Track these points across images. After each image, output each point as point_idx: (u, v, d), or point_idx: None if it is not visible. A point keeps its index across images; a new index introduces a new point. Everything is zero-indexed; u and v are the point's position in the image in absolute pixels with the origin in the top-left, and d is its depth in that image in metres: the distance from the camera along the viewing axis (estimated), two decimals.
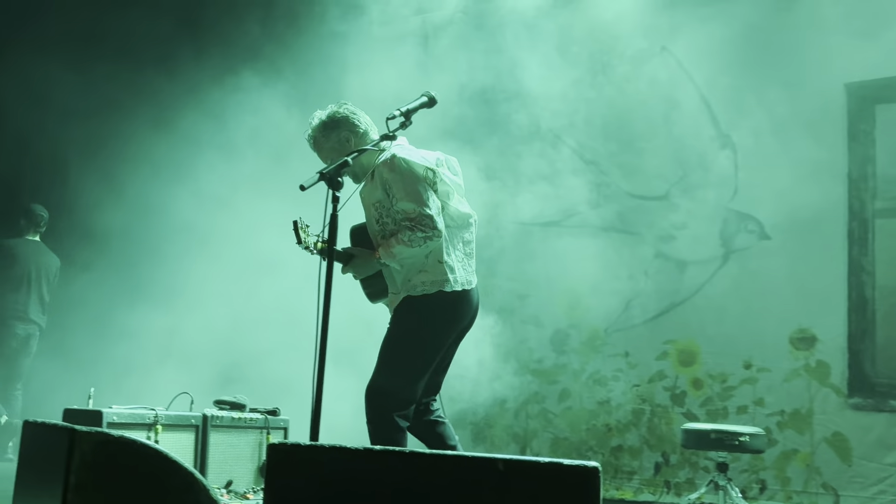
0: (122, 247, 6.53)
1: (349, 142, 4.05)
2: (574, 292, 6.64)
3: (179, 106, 6.56)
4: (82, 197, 6.72)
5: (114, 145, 6.55)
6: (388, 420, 3.79)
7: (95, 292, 6.54)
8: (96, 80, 6.48)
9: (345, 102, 4.16)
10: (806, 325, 5.82)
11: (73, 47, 6.38)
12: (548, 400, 6.67)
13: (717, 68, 6.23)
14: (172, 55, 6.74)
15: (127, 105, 6.52)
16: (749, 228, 6.10)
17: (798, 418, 5.75)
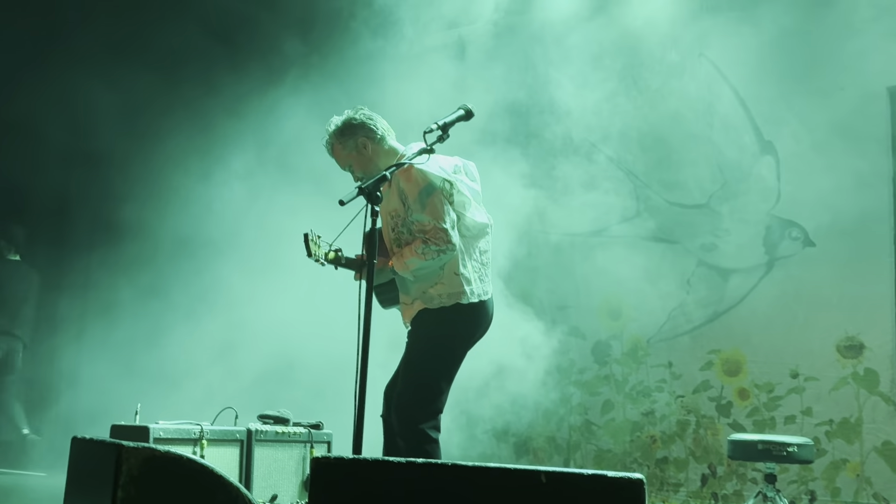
0: (165, 261, 6.62)
1: (366, 147, 4.07)
2: (615, 303, 6.60)
3: (218, 120, 6.63)
4: (121, 210, 6.81)
5: (156, 159, 6.64)
6: (420, 432, 3.81)
7: (139, 308, 6.63)
8: (134, 93, 6.56)
9: (361, 108, 4.17)
10: (853, 333, 5.72)
11: (110, 58, 6.47)
12: (591, 412, 6.62)
13: (755, 74, 6.18)
14: (210, 69, 6.82)
15: (167, 118, 6.60)
16: (793, 235, 6.02)
17: (847, 427, 5.65)
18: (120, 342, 6.37)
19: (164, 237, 6.73)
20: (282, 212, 6.59)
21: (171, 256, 6.65)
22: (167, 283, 6.59)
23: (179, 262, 6.65)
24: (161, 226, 6.75)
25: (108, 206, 6.89)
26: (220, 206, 6.63)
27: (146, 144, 6.65)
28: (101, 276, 6.60)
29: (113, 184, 6.87)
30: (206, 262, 6.64)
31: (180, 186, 6.68)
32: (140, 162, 6.60)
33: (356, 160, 4.08)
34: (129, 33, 6.53)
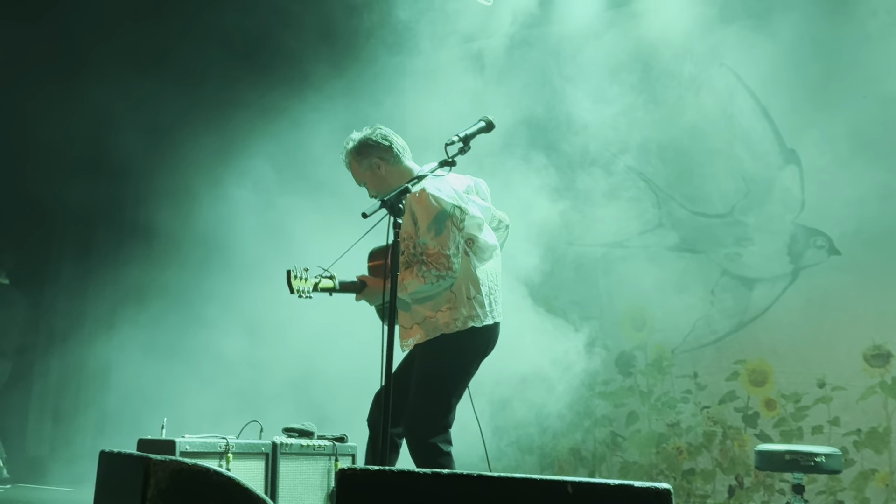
0: (190, 276, 6.65)
1: (380, 168, 4.14)
2: (639, 313, 6.58)
3: (239, 135, 6.68)
4: (146, 223, 6.86)
5: (180, 174, 6.69)
6: (432, 447, 3.83)
7: (167, 322, 6.67)
8: (156, 108, 6.62)
9: (379, 126, 4.23)
10: (880, 342, 5.67)
11: (132, 75, 6.52)
12: (615, 423, 6.59)
13: (775, 83, 6.16)
14: (232, 86, 6.88)
15: (188, 133, 6.65)
16: (818, 244, 5.97)
17: (875, 437, 5.59)
18: (147, 352, 6.42)
19: (186, 251, 6.78)
20: (305, 226, 6.63)
21: (195, 269, 6.69)
22: (192, 295, 6.63)
23: (202, 275, 6.69)
24: (185, 236, 6.79)
25: (133, 215, 6.94)
26: (242, 221, 6.67)
27: (167, 159, 6.70)
28: (129, 288, 6.65)
29: (137, 196, 6.91)
30: (228, 275, 6.68)
31: (204, 199, 6.72)
32: (163, 175, 6.65)
33: (370, 179, 4.16)
34: (151, 49, 6.59)
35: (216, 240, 6.63)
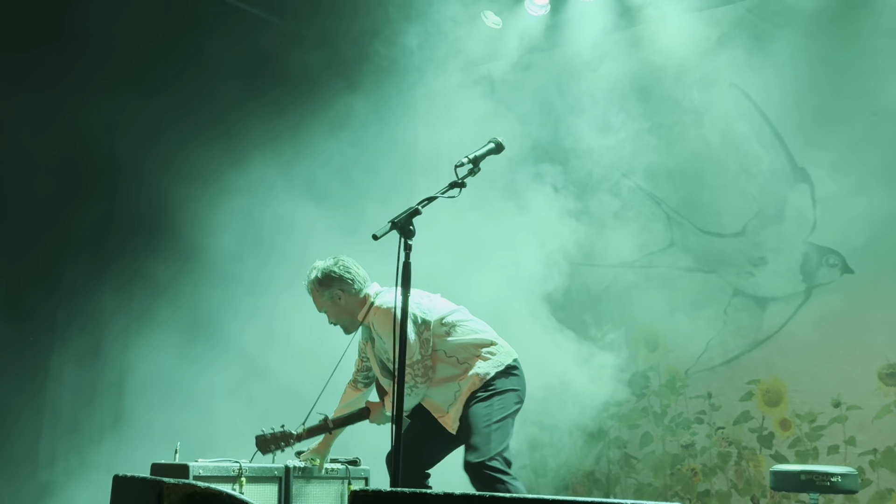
0: (198, 299, 6.66)
1: (340, 298, 4.44)
2: (652, 334, 6.57)
3: (254, 157, 6.71)
4: (147, 252, 6.86)
5: (196, 207, 6.70)
6: (504, 482, 3.98)
7: (177, 347, 6.67)
8: (171, 127, 6.65)
9: (341, 259, 4.50)
10: (894, 360, 5.63)
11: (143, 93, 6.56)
12: (630, 445, 6.56)
13: (785, 102, 6.18)
14: (241, 112, 6.91)
15: (202, 153, 6.68)
16: (830, 262, 5.96)
17: (892, 456, 5.54)
18: (159, 378, 6.42)
19: (193, 278, 6.78)
20: (317, 247, 6.65)
21: (202, 298, 6.70)
22: (203, 324, 6.63)
23: (210, 304, 6.69)
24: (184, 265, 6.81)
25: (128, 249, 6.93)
26: (253, 242, 6.69)
27: (172, 182, 6.71)
28: (143, 311, 6.66)
29: (146, 219, 6.90)
30: (237, 301, 6.69)
31: (226, 216, 6.73)
32: (182, 184, 6.66)
33: (330, 308, 4.48)
34: (160, 71, 6.62)
35: (217, 262, 6.64)
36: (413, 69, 7.08)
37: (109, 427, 6.38)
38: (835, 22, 6.07)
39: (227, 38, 6.62)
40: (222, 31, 6.63)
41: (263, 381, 6.58)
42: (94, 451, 6.44)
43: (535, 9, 7.03)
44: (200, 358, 6.52)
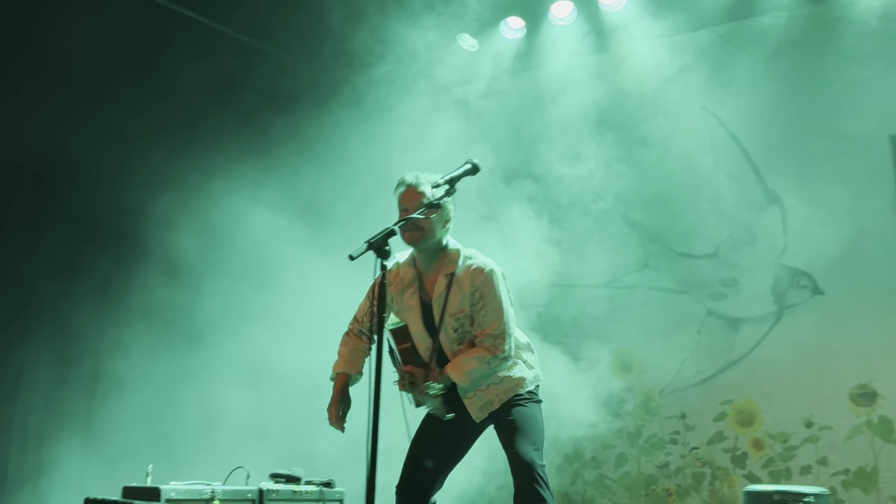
0: (173, 321, 6.61)
1: (443, 222, 3.97)
2: (627, 354, 6.60)
3: (241, 182, 6.69)
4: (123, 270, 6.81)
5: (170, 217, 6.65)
6: (546, 495, 3.80)
7: (149, 367, 6.61)
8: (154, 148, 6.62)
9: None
10: (865, 380, 5.69)
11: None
12: (605, 465, 6.57)
13: (756, 125, 6.27)
14: (222, 138, 6.90)
15: (191, 179, 6.65)
16: (801, 284, 6.03)
17: (863, 477, 5.59)
18: (131, 402, 6.36)
19: (173, 298, 6.74)
20: (288, 262, 6.64)
21: (177, 319, 6.65)
22: (179, 343, 6.58)
23: (184, 325, 6.65)
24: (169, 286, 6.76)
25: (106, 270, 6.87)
26: (226, 259, 6.66)
27: (160, 208, 6.68)
28: (113, 336, 6.60)
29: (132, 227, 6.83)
30: (217, 322, 6.65)
31: (209, 236, 6.70)
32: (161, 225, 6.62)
33: (426, 220, 3.90)
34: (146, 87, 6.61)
35: (196, 283, 6.61)
36: (389, 90, 7.11)
37: (80, 448, 6.30)
38: (803, 47, 6.18)
39: (201, 57, 6.61)
40: (196, 51, 6.62)
41: (240, 400, 6.54)
42: (63, 472, 6.35)
43: (511, 32, 7.10)
44: (173, 378, 6.47)
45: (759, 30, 6.35)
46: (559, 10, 6.85)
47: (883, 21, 5.84)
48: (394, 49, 6.61)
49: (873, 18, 5.87)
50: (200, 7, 6.75)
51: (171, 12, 6.71)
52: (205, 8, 6.77)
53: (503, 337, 3.85)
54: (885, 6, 5.85)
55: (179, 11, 6.74)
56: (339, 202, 6.73)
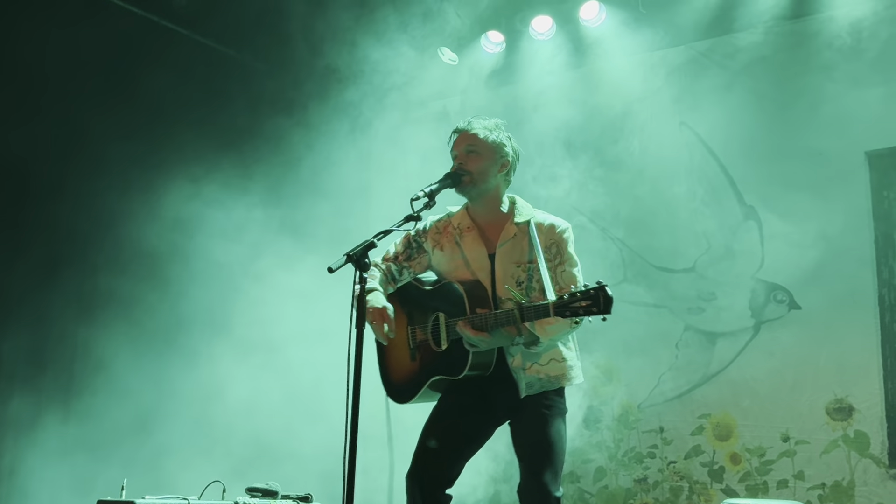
0: (147, 335, 6.56)
1: (501, 169, 3.88)
2: (605, 368, 6.61)
3: (216, 195, 6.67)
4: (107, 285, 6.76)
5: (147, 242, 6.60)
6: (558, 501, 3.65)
7: (122, 382, 6.56)
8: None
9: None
10: (841, 395, 5.73)
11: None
12: (583, 479, 6.57)
13: (734, 141, 6.32)
14: (204, 150, 6.87)
15: (158, 193, 6.61)
16: (778, 298, 6.07)
17: (839, 491, 5.62)
18: (104, 414, 6.30)
19: (142, 313, 6.68)
20: (266, 282, 6.61)
21: (151, 333, 6.60)
22: (155, 357, 6.54)
23: (159, 338, 6.60)
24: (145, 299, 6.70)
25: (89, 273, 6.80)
26: (205, 271, 6.62)
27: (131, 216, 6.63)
28: (90, 346, 6.53)
29: (96, 252, 6.78)
30: (187, 337, 6.60)
31: (184, 253, 6.67)
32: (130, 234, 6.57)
33: (480, 161, 3.84)
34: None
35: (170, 295, 6.56)
36: (367, 104, 7.11)
37: (54, 460, 6.22)
38: (781, 63, 6.24)
39: (179, 67, 6.60)
40: (174, 61, 6.61)
41: (215, 413, 6.50)
42: (36, 485, 6.27)
43: (491, 46, 7.12)
44: (148, 392, 6.42)
45: (737, 46, 6.42)
46: (539, 25, 6.88)
47: (858, 37, 5.91)
48: (372, 63, 6.62)
49: (849, 35, 5.94)
50: (178, 17, 6.73)
51: (150, 22, 6.69)
52: (182, 18, 6.75)
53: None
54: (861, 23, 5.92)
55: (160, 22, 6.72)
56: (316, 214, 6.72)
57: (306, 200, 6.73)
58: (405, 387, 3.93)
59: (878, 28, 5.88)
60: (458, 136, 3.94)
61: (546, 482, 3.62)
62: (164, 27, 6.74)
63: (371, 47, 6.51)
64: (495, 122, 3.99)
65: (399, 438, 6.60)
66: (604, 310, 3.30)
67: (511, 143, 3.98)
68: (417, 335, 3.91)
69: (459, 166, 3.87)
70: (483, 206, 3.93)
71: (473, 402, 3.80)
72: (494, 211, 3.93)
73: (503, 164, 3.91)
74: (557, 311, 3.35)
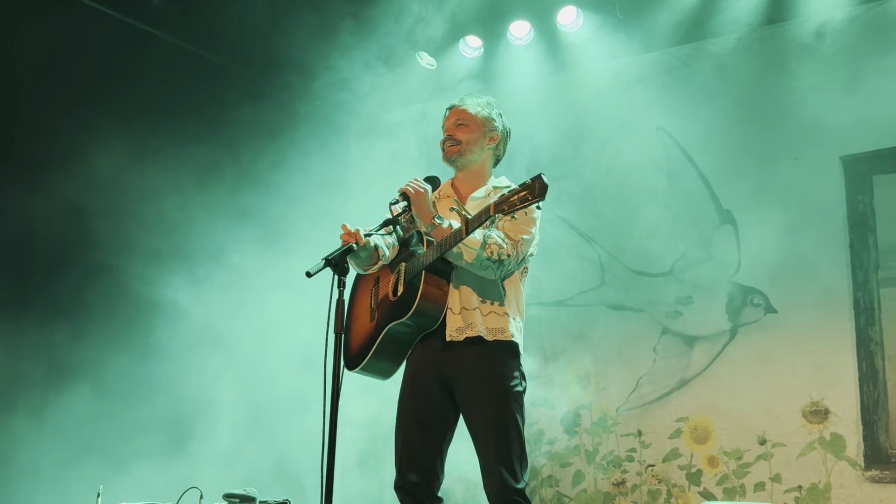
0: (126, 339, 6.51)
1: (491, 143, 3.97)
2: (584, 372, 6.62)
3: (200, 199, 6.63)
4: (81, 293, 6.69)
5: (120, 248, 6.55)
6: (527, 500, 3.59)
7: (100, 385, 6.50)
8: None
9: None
10: (818, 398, 5.77)
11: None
12: (562, 483, 6.57)
13: (711, 145, 6.35)
14: (183, 152, 6.83)
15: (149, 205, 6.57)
16: (755, 302, 6.10)
17: (816, 493, 5.66)
18: (79, 420, 6.24)
19: (123, 319, 6.63)
20: (247, 287, 6.58)
21: (129, 337, 6.54)
22: (128, 358, 6.48)
23: (136, 342, 6.55)
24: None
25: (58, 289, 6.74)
26: (183, 272, 6.58)
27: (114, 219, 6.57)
28: (63, 349, 6.46)
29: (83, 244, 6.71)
30: (165, 342, 6.56)
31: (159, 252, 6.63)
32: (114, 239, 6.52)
33: (469, 131, 3.94)
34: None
35: (149, 300, 6.52)
36: (348, 107, 7.10)
37: (28, 468, 6.15)
38: (758, 69, 6.29)
39: (161, 69, 6.57)
40: (158, 63, 6.58)
41: (193, 420, 6.46)
42: (11, 492, 6.21)
43: (469, 51, 7.13)
44: (124, 397, 6.37)
45: (714, 52, 6.46)
46: (517, 30, 6.90)
47: (833, 43, 5.97)
48: (350, 65, 6.61)
49: (824, 41, 6.00)
50: (151, 18, 6.70)
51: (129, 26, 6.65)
52: (155, 18, 6.71)
53: (516, 246, 3.65)
54: (837, 28, 5.98)
55: (136, 25, 6.68)
56: (294, 220, 6.70)
57: (280, 205, 6.72)
58: (361, 347, 3.90)
59: (852, 34, 5.94)
60: (450, 112, 4.06)
61: (508, 471, 3.59)
62: (131, 25, 6.70)
63: (346, 49, 6.51)
64: (487, 99, 4.09)
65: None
66: (539, 195, 3.24)
67: (502, 121, 4.07)
68: (380, 293, 3.94)
69: (448, 137, 3.96)
70: (468, 178, 3.99)
71: (431, 392, 3.79)
72: (479, 183, 3.98)
73: (491, 138, 3.99)
74: (497, 209, 3.35)
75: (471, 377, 3.70)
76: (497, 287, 3.77)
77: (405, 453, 3.78)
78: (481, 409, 3.68)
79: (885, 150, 5.87)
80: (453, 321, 3.70)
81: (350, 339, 4.03)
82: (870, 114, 5.78)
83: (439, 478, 3.78)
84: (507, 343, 3.74)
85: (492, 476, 3.61)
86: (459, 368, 3.71)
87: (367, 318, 3.97)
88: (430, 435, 3.78)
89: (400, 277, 3.81)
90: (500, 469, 3.58)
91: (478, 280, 3.72)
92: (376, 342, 3.79)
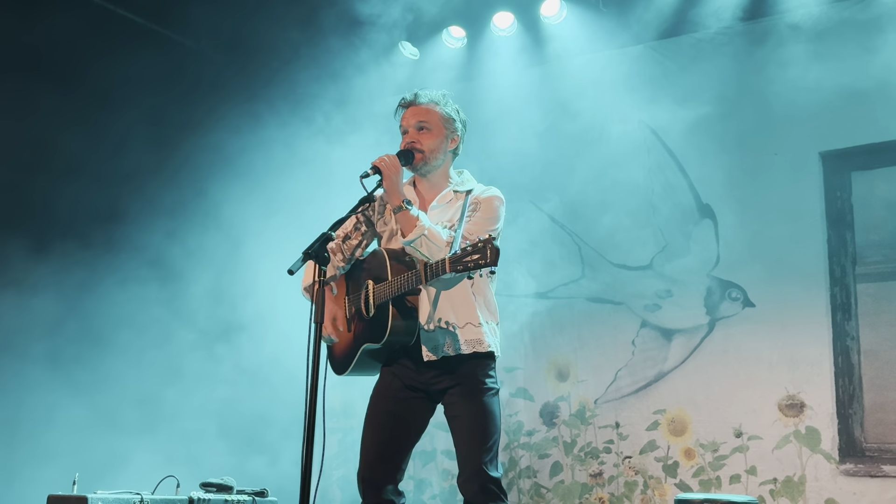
0: (103, 329, 6.46)
1: (451, 143, 3.95)
2: (563, 364, 6.65)
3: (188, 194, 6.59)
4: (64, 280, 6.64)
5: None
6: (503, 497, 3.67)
7: (75, 374, 6.45)
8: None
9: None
10: (793, 391, 5.83)
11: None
12: (540, 474, 6.60)
13: (692, 140, 6.37)
14: (175, 144, 6.79)
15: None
16: (733, 296, 6.15)
17: (791, 486, 5.72)
18: (59, 406, 6.20)
19: (105, 308, 6.58)
20: (229, 272, 6.55)
21: (108, 326, 6.50)
22: (109, 345, 6.44)
23: (114, 331, 6.51)
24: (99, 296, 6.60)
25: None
26: (158, 263, 6.54)
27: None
28: (39, 334, 6.41)
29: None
30: (143, 327, 6.52)
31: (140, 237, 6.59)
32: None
33: (436, 138, 3.91)
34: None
35: (126, 292, 6.49)
36: (331, 97, 7.07)
37: (2, 454, 6.11)
38: (738, 64, 6.32)
39: (134, 54, 6.53)
40: (133, 48, 6.53)
41: (171, 408, 6.43)
42: None
43: (453, 42, 7.12)
44: (99, 383, 6.33)
45: (695, 46, 6.49)
46: (501, 21, 6.89)
47: (814, 39, 6.00)
48: (332, 54, 6.59)
49: (804, 36, 6.03)
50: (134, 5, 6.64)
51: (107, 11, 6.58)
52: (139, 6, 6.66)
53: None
54: (817, 24, 6.01)
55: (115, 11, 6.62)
56: (271, 217, 6.68)
57: (256, 201, 6.71)
58: (342, 358, 3.96)
59: (833, 30, 5.98)
60: (407, 111, 3.97)
61: (484, 452, 3.68)
62: (119, 15, 6.64)
63: (328, 40, 6.48)
64: (442, 93, 4.03)
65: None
66: (490, 262, 3.30)
67: (459, 116, 4.04)
68: (352, 306, 3.95)
69: (411, 144, 3.90)
70: (430, 181, 3.98)
71: (406, 390, 3.83)
72: (441, 185, 3.98)
73: (453, 140, 3.98)
74: (452, 267, 3.40)
75: (450, 383, 3.79)
76: (468, 296, 3.81)
77: (373, 446, 3.81)
78: (460, 408, 3.75)
79: (863, 147, 5.92)
80: (429, 339, 3.75)
81: (332, 346, 4.05)
82: (849, 110, 5.83)
83: (403, 472, 3.84)
84: (484, 353, 3.82)
85: (467, 467, 3.68)
86: (437, 381, 3.80)
87: (344, 326, 3.98)
88: (401, 431, 3.83)
89: (369, 295, 3.82)
90: (475, 460, 3.66)
91: (448, 295, 3.77)
92: (355, 357, 3.87)
